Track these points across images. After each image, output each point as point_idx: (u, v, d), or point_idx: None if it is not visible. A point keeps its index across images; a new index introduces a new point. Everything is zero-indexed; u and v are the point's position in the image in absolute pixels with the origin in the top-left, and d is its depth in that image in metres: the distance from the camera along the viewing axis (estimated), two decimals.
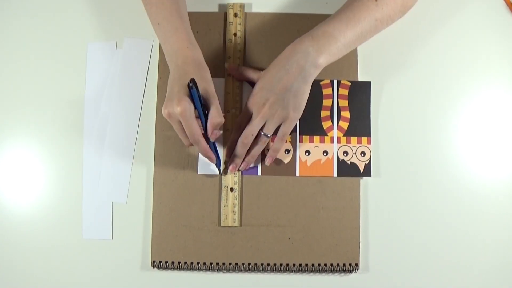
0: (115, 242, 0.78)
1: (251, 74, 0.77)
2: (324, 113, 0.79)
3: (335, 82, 0.80)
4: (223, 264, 0.76)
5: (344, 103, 0.80)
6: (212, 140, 0.73)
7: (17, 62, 0.82)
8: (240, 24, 0.80)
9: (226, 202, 0.77)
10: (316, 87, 0.79)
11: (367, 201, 0.78)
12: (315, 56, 0.72)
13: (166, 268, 0.77)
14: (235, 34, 0.80)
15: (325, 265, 0.76)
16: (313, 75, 0.73)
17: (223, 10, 0.82)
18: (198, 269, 0.77)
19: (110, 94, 0.81)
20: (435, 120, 0.80)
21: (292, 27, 0.81)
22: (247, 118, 0.75)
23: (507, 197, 0.79)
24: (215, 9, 0.83)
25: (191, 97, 0.69)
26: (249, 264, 0.76)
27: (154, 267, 0.77)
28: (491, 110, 0.81)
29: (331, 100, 0.80)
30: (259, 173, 0.78)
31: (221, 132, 0.73)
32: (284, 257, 0.77)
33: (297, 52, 0.72)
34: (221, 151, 0.78)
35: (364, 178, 0.79)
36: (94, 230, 0.78)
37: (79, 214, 0.78)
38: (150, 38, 0.82)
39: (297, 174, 0.78)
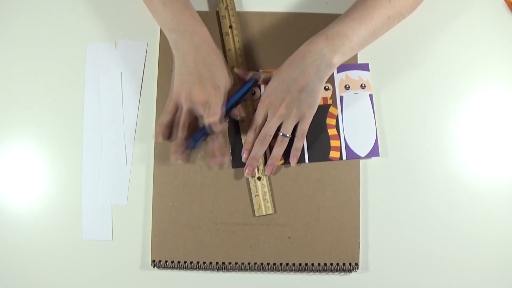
0: (115, 242, 0.78)
1: (262, 77, 0.78)
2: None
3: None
4: (223, 263, 0.76)
5: None
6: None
7: (16, 63, 0.82)
8: (233, 16, 0.80)
9: (257, 191, 0.77)
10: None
11: (367, 200, 0.78)
12: (330, 57, 0.72)
13: (165, 267, 0.77)
14: (230, 27, 0.80)
15: (325, 264, 0.76)
16: (328, 75, 0.74)
17: (214, 9, 0.82)
18: (198, 268, 0.77)
19: (109, 95, 0.81)
20: (435, 120, 0.80)
21: (292, 27, 0.81)
22: (262, 118, 0.75)
23: (508, 196, 0.79)
24: (205, 8, 0.83)
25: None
26: (248, 263, 0.76)
27: (154, 267, 0.77)
28: (490, 109, 0.81)
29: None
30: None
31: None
32: (284, 256, 0.77)
33: (312, 53, 0.73)
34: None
35: (364, 178, 0.78)
36: (94, 231, 0.78)
37: (79, 215, 0.78)
38: (145, 39, 0.82)
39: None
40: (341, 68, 0.80)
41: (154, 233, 0.77)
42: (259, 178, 0.77)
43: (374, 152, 0.78)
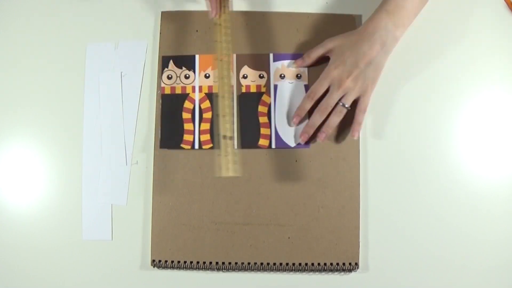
0: (114, 242, 0.78)
1: (320, 53, 0.79)
2: None
3: None
4: (223, 263, 0.76)
5: None
6: None
7: (16, 63, 0.82)
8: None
9: (226, 152, 0.77)
10: None
11: (367, 200, 0.78)
12: (394, 31, 0.75)
13: (165, 267, 0.77)
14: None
15: (325, 264, 0.76)
16: (392, 48, 0.77)
17: None
18: (198, 268, 0.77)
19: (109, 95, 0.81)
20: (435, 120, 0.80)
21: (292, 26, 0.81)
22: (323, 88, 0.77)
23: (508, 196, 0.79)
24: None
25: None
26: (248, 263, 0.76)
27: (154, 266, 0.77)
28: (491, 109, 0.81)
29: None
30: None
31: None
32: (283, 256, 0.77)
33: (378, 29, 0.75)
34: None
35: (364, 178, 0.78)
36: (94, 231, 0.78)
37: (79, 215, 0.78)
38: (145, 39, 0.82)
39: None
40: (277, 57, 0.81)
41: (154, 233, 0.77)
42: (230, 138, 0.77)
43: (306, 143, 0.79)
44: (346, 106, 0.77)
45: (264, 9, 0.83)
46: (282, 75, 0.80)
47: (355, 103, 0.77)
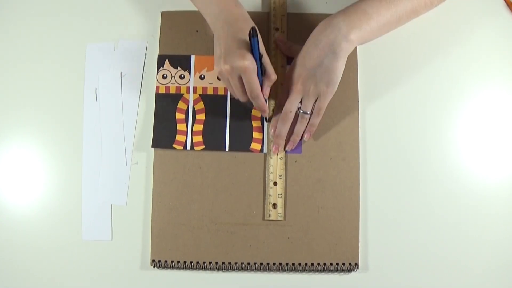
0: (114, 242, 0.78)
1: (295, 50, 0.77)
2: None
3: None
4: (223, 263, 0.76)
5: None
6: (265, 97, 0.74)
7: (16, 63, 0.82)
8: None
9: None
10: None
11: (367, 200, 0.78)
12: (346, 31, 0.71)
13: (165, 267, 0.77)
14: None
15: (325, 264, 0.76)
16: (345, 51, 0.71)
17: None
18: (198, 268, 0.77)
19: (109, 95, 0.81)
20: (435, 120, 0.80)
21: (292, 26, 0.81)
22: (286, 96, 0.76)
23: (508, 196, 0.79)
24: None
25: (251, 50, 0.69)
26: (248, 263, 0.76)
27: (154, 266, 0.77)
28: (491, 109, 0.81)
29: None
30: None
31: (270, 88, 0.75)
32: (283, 256, 0.77)
33: (328, 27, 0.72)
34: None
35: (364, 178, 0.78)
36: (93, 231, 0.78)
37: (79, 215, 0.78)
38: (145, 39, 0.82)
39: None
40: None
41: (154, 233, 0.77)
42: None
43: (297, 148, 0.78)
44: (307, 112, 0.75)
45: (264, 9, 0.83)
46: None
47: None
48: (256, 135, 0.79)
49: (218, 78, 0.80)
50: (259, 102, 0.73)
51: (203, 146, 0.79)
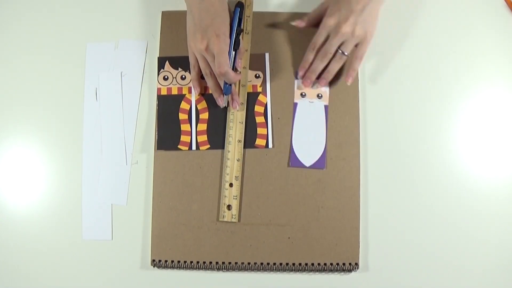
0: (115, 242, 0.78)
1: (317, 12, 0.79)
2: None
3: None
4: (223, 263, 0.76)
5: None
6: (240, 69, 0.77)
7: (16, 62, 0.82)
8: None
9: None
10: None
11: (367, 200, 0.78)
12: None
13: (165, 267, 0.77)
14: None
15: (325, 264, 0.76)
16: None
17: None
18: (198, 268, 0.77)
19: (109, 95, 0.81)
20: (435, 120, 0.80)
21: (292, 27, 0.81)
22: (323, 39, 0.77)
23: (508, 196, 0.79)
24: None
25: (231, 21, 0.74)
26: (248, 263, 0.76)
27: (154, 266, 0.77)
28: (490, 109, 0.81)
29: None
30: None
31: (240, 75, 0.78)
32: (283, 256, 0.77)
33: None
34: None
35: (364, 178, 0.78)
36: (94, 231, 0.78)
37: (79, 215, 0.78)
38: (145, 39, 0.82)
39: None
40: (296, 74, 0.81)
41: (154, 233, 0.77)
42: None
43: (320, 163, 0.78)
44: (346, 53, 0.77)
45: (263, 9, 0.83)
46: (303, 94, 0.80)
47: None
48: (260, 130, 0.79)
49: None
50: (229, 76, 0.73)
51: (208, 146, 0.79)
